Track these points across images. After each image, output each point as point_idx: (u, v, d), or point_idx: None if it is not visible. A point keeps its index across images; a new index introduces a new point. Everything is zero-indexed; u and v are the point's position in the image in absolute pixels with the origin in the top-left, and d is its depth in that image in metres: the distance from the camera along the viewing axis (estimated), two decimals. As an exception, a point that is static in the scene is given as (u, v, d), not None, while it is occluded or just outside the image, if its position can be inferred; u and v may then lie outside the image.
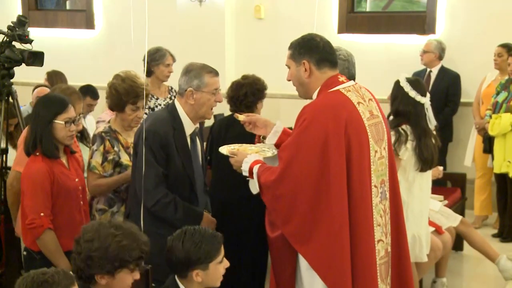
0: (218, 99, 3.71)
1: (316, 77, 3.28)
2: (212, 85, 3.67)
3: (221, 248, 3.13)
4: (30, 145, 3.60)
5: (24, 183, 3.59)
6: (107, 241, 2.70)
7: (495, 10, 7.22)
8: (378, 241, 3.31)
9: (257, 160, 3.38)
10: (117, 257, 2.70)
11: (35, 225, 3.49)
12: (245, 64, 8.18)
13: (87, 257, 2.69)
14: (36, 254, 3.58)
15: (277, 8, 8.13)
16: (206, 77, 3.66)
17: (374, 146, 3.29)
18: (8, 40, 4.69)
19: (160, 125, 3.65)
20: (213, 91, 3.67)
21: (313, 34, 3.33)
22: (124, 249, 2.71)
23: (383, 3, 8.38)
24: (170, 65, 5.84)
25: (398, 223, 3.47)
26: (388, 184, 3.40)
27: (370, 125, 3.28)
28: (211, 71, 3.69)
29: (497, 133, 6.32)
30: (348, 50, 3.84)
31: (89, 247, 2.69)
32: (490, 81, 6.91)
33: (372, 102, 3.38)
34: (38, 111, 3.63)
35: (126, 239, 2.74)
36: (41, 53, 4.77)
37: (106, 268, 2.70)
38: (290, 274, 3.36)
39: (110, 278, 2.74)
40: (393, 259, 3.44)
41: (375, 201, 3.30)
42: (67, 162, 3.72)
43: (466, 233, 5.48)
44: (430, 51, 7.14)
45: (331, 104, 3.21)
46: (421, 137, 4.40)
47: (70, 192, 3.64)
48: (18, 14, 4.91)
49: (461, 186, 6.27)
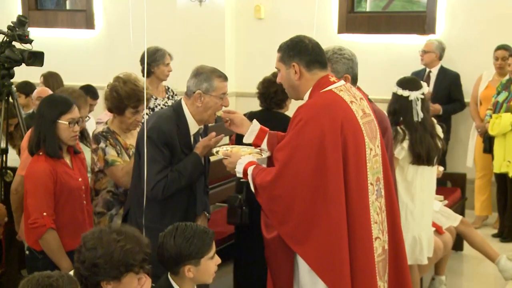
0: (225, 103, 3.73)
1: (306, 79, 3.29)
2: (221, 89, 3.68)
3: (213, 244, 3.13)
4: (34, 145, 3.61)
5: (27, 182, 3.61)
6: (110, 247, 2.68)
7: (495, 10, 7.22)
8: (376, 238, 3.31)
9: (252, 161, 3.38)
10: (122, 261, 2.68)
11: (37, 225, 3.49)
12: (245, 64, 8.19)
13: (92, 265, 2.67)
14: (39, 254, 3.59)
15: (277, 8, 8.13)
16: (215, 81, 3.66)
17: (369, 144, 3.29)
18: (8, 40, 4.70)
19: (164, 122, 3.67)
20: (221, 95, 3.68)
21: (301, 36, 3.34)
22: (128, 253, 2.70)
23: (383, 3, 8.38)
24: (169, 64, 5.86)
25: (393, 221, 3.47)
26: (383, 182, 3.41)
27: (364, 123, 3.29)
28: (220, 75, 3.70)
29: (497, 133, 6.32)
30: (351, 50, 3.86)
31: (93, 255, 2.67)
32: (487, 82, 6.92)
33: (363, 101, 3.39)
34: (42, 111, 3.64)
35: (129, 243, 2.72)
36: (41, 53, 4.78)
37: (112, 274, 2.68)
38: (288, 276, 3.35)
39: (116, 284, 2.71)
40: (390, 256, 3.44)
41: (371, 199, 3.30)
42: (71, 162, 3.73)
43: (466, 233, 5.48)
44: (431, 51, 7.13)
45: (326, 104, 3.21)
46: (411, 131, 4.41)
47: (73, 192, 3.64)
48: (18, 14, 4.91)
49: (461, 186, 6.27)
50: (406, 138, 4.39)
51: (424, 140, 4.41)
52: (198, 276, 3.09)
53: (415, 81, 4.61)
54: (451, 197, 5.92)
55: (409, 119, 4.42)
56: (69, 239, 3.54)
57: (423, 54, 7.15)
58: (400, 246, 3.51)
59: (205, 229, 3.15)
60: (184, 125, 3.71)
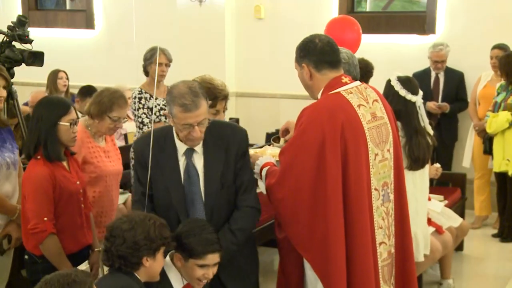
0: (190, 135, 3.15)
1: (317, 79, 3.26)
2: (182, 119, 3.11)
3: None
4: (32, 148, 3.54)
5: (26, 187, 3.52)
6: (146, 225, 2.93)
7: (495, 10, 7.22)
8: (380, 243, 3.31)
9: (268, 162, 3.39)
10: (159, 236, 2.94)
11: (38, 230, 3.44)
12: (245, 64, 8.19)
13: (133, 243, 2.90)
14: (38, 258, 3.54)
15: (277, 8, 8.13)
16: (175, 109, 3.11)
17: (374, 149, 3.27)
18: (8, 40, 4.69)
19: (141, 142, 3.39)
20: (184, 125, 3.12)
21: (313, 36, 3.30)
22: (161, 227, 2.97)
23: (383, 3, 8.38)
24: (162, 64, 5.70)
25: (403, 225, 3.46)
26: (393, 186, 3.39)
27: (371, 128, 3.26)
28: (182, 104, 3.08)
29: (494, 130, 6.33)
30: (349, 52, 3.82)
31: (133, 234, 2.90)
32: (485, 82, 6.93)
33: (377, 103, 3.35)
34: (40, 114, 3.55)
35: (157, 220, 2.99)
36: (41, 53, 4.77)
37: (152, 247, 2.93)
38: (298, 275, 3.37)
39: (152, 259, 2.95)
40: (397, 260, 3.43)
41: (376, 204, 3.28)
42: (68, 164, 3.67)
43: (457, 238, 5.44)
44: (446, 59, 7.16)
45: (328, 107, 3.19)
46: (412, 135, 4.41)
47: (72, 196, 3.59)
48: (18, 14, 4.91)
49: (461, 186, 6.27)
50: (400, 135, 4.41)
51: (421, 144, 4.42)
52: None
53: (415, 83, 4.62)
54: (451, 197, 5.92)
55: (411, 123, 4.42)
56: (68, 243, 3.52)
57: (442, 64, 7.15)
58: (409, 250, 3.49)
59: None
60: (170, 146, 3.29)
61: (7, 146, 3.77)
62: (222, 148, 3.27)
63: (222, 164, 3.26)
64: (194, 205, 3.26)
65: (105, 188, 4.13)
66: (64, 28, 9.33)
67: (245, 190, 3.32)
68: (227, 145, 3.27)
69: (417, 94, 4.44)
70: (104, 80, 8.18)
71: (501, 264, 5.84)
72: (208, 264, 3.11)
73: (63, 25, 9.35)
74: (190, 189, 3.26)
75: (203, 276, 3.12)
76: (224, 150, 3.26)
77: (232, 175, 3.28)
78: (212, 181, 3.25)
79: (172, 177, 3.26)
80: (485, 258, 5.57)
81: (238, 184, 3.31)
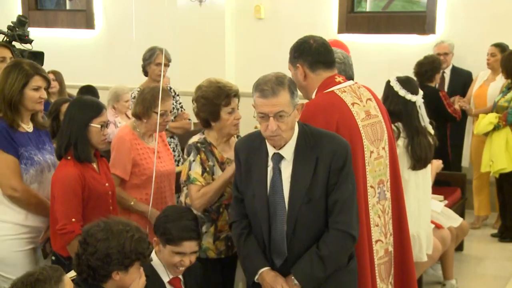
0: (268, 130, 2.96)
1: (312, 79, 3.29)
2: (257, 107, 2.99)
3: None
4: (63, 149, 3.53)
5: (56, 187, 3.50)
6: (122, 238, 2.77)
7: (495, 10, 7.22)
8: (376, 241, 3.31)
9: None
10: (134, 251, 2.78)
11: (66, 231, 3.42)
12: (245, 64, 8.19)
13: (104, 256, 2.74)
14: (65, 260, 3.50)
15: (277, 8, 8.14)
16: (255, 95, 3.01)
17: (369, 147, 3.28)
18: (8, 40, 4.70)
19: (244, 140, 3.23)
20: (260, 116, 2.96)
21: (307, 37, 3.33)
22: (138, 242, 2.80)
23: (383, 3, 8.38)
24: (161, 64, 5.57)
25: (400, 222, 3.46)
26: (390, 184, 3.40)
27: (365, 125, 3.28)
28: (261, 90, 2.94)
29: (478, 132, 6.35)
30: (344, 52, 3.83)
31: (106, 245, 2.74)
32: (481, 82, 6.93)
33: (371, 101, 3.37)
34: (73, 114, 3.55)
35: (137, 233, 2.83)
36: (41, 53, 4.78)
37: (124, 263, 2.77)
38: None
39: (124, 274, 2.80)
40: (396, 258, 3.44)
41: (372, 202, 3.29)
42: (98, 166, 3.66)
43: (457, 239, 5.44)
44: (450, 52, 7.17)
45: (323, 105, 3.21)
46: (413, 135, 4.42)
47: (100, 197, 3.58)
48: (18, 14, 4.92)
49: (461, 186, 6.27)
50: (401, 136, 4.41)
51: (422, 144, 4.42)
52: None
53: (415, 82, 4.62)
54: (451, 197, 5.92)
55: (412, 123, 4.42)
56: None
57: (445, 56, 7.14)
58: (407, 248, 3.50)
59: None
60: (263, 146, 3.13)
61: (47, 148, 3.76)
62: (314, 158, 2.96)
63: (310, 177, 2.95)
64: (276, 215, 3.00)
65: (157, 189, 4.03)
66: (64, 28, 9.33)
67: (340, 211, 2.96)
68: (320, 155, 2.96)
69: (417, 94, 4.45)
70: (104, 80, 8.18)
71: (501, 264, 5.83)
72: (184, 252, 3.15)
73: (63, 25, 9.34)
74: (274, 199, 3.00)
75: (179, 263, 3.17)
76: (315, 161, 2.96)
77: (321, 190, 2.96)
78: (296, 193, 2.96)
79: (258, 185, 3.03)
80: (485, 258, 5.57)
81: (331, 203, 2.96)
